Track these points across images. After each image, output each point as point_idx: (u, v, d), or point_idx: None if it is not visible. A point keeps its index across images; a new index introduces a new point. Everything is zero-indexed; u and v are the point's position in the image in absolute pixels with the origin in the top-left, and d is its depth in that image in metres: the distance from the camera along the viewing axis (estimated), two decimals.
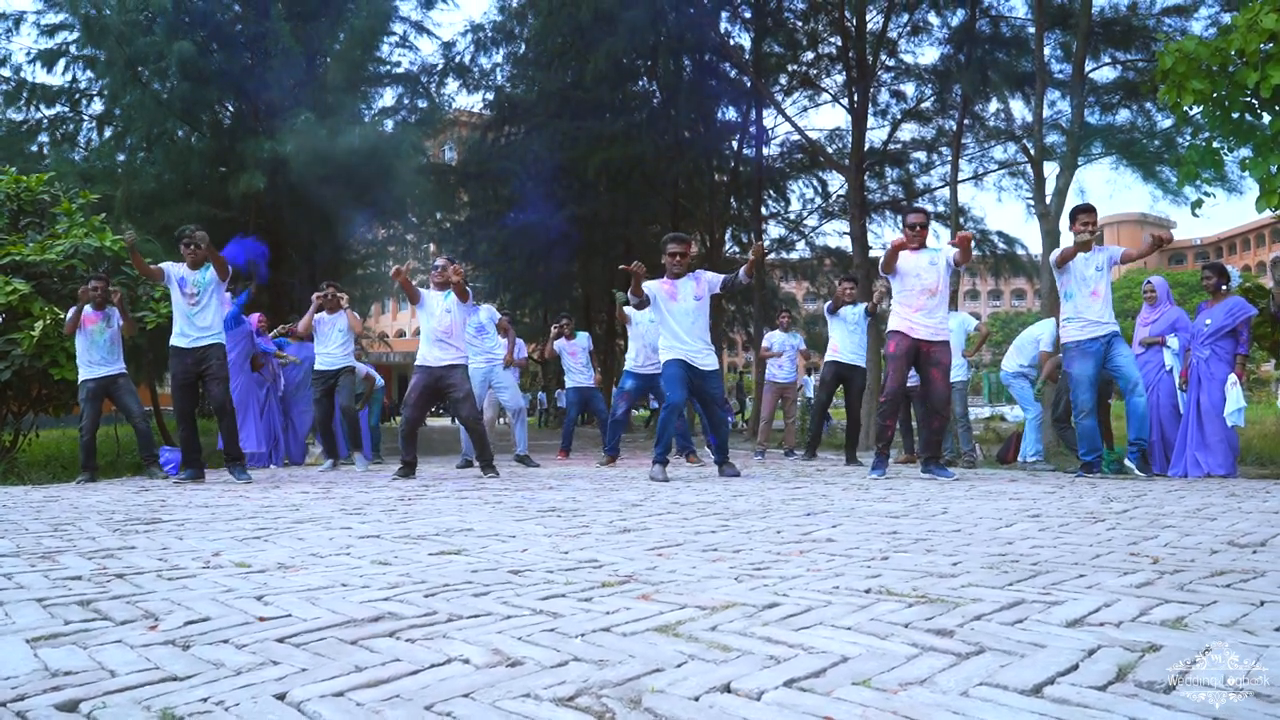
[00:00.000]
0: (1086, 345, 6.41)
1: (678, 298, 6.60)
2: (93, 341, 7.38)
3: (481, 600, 2.22)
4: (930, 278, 6.32)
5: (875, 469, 6.45)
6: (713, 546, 3.05)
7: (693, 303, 6.59)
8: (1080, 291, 6.47)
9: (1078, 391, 6.42)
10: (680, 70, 18.56)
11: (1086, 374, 6.39)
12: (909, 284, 6.36)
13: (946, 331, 6.42)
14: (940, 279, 6.33)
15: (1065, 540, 3.08)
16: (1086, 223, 6.52)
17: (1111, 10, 11.95)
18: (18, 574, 2.62)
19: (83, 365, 7.43)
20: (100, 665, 1.73)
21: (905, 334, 6.32)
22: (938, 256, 6.40)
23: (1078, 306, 6.47)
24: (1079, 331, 6.44)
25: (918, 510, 4.07)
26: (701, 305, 6.64)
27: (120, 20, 12.24)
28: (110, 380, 7.43)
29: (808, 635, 1.86)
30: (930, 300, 6.32)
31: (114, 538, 3.38)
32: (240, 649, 1.83)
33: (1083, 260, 6.46)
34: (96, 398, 7.47)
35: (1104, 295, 6.47)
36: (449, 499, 4.91)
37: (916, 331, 6.29)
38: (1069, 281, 6.52)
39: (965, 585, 2.31)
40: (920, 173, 15.91)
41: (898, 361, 6.32)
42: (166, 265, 6.77)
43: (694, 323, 6.60)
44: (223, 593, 2.34)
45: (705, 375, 6.63)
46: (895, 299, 6.51)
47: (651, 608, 2.11)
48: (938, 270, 6.33)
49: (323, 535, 3.41)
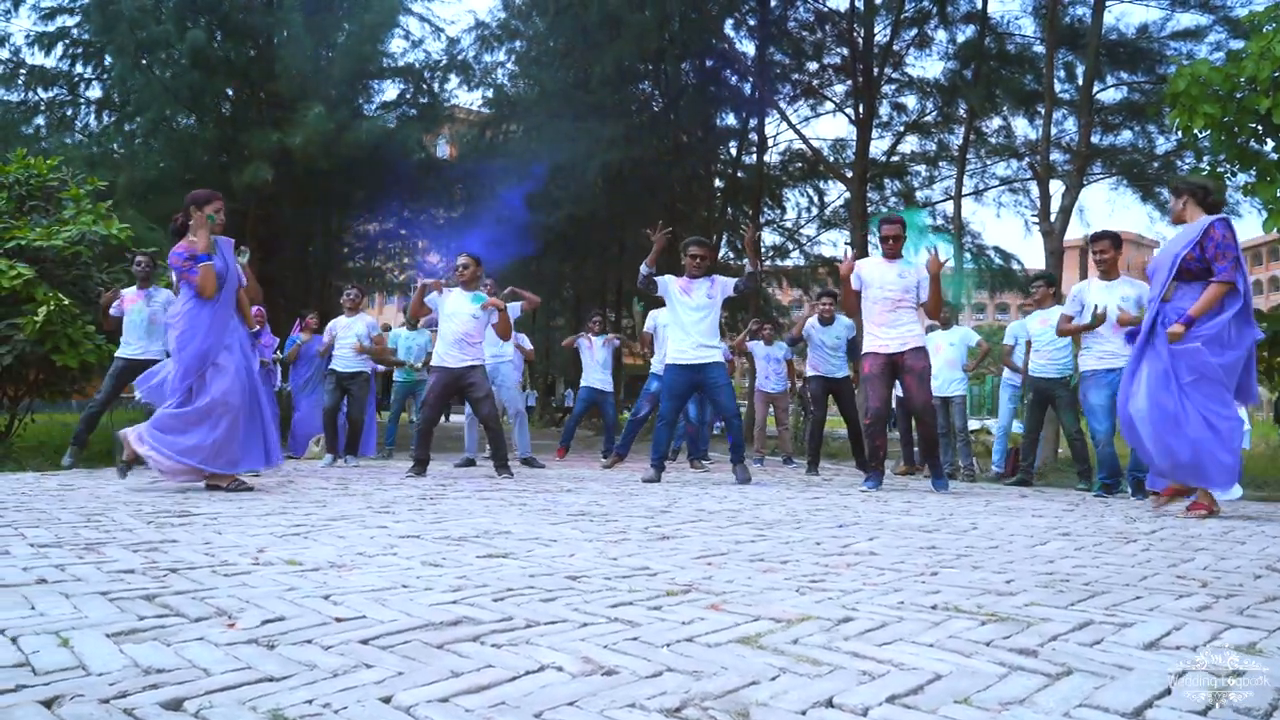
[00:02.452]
0: (1103, 376, 6.33)
1: (691, 294, 6.66)
2: (131, 321, 7.39)
3: (551, 606, 2.23)
4: (895, 290, 6.25)
5: (868, 482, 6.41)
6: (758, 556, 3.06)
7: (705, 301, 6.65)
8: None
9: (1096, 421, 6.37)
10: (683, 75, 18.61)
11: (1102, 403, 6.32)
12: (872, 294, 6.32)
13: (918, 338, 6.32)
14: (904, 293, 6.27)
15: (1106, 560, 3.11)
16: (1099, 250, 6.49)
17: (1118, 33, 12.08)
18: (69, 566, 2.60)
19: (123, 342, 7.45)
20: (191, 663, 1.72)
21: (876, 352, 6.30)
22: (909, 272, 6.32)
23: (1098, 334, 6.35)
24: (1097, 361, 6.35)
25: (947, 525, 4.09)
26: (712, 305, 6.69)
27: (133, 6, 12.14)
28: (142, 365, 7.39)
29: (892, 651, 1.87)
30: (892, 314, 6.26)
31: (151, 530, 3.36)
32: (326, 650, 1.82)
33: (1104, 289, 6.36)
34: (120, 375, 7.42)
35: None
36: (472, 499, 4.90)
37: (887, 346, 6.27)
38: (1088, 312, 6.37)
39: (1029, 604, 2.33)
40: (923, 186, 15.99)
41: (874, 381, 6.30)
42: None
43: (702, 320, 6.65)
44: (286, 590, 2.33)
45: (706, 367, 6.65)
46: (864, 311, 6.46)
47: (726, 619, 2.12)
48: (904, 283, 6.27)
49: (362, 534, 3.40)
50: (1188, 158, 11.89)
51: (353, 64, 14.63)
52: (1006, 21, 13.31)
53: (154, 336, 7.48)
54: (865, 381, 6.40)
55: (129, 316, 7.43)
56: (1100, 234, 6.57)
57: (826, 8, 15.57)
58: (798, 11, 16.14)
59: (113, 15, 12.64)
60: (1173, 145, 12.40)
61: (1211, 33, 11.34)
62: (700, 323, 6.67)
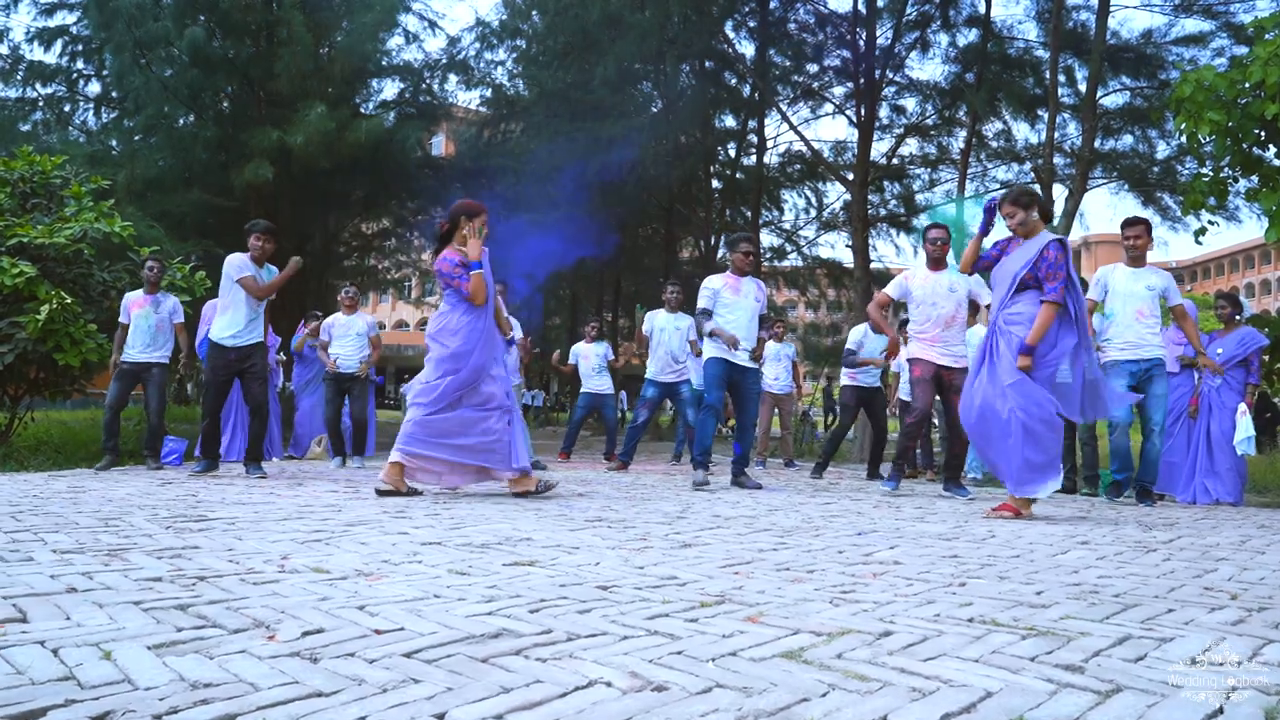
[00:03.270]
0: (1125, 366, 6.19)
1: (740, 292, 6.63)
2: (137, 326, 7.40)
3: (588, 618, 2.21)
4: (947, 306, 6.18)
5: (889, 481, 6.44)
6: (784, 565, 3.05)
7: (752, 303, 6.63)
8: (1124, 310, 6.23)
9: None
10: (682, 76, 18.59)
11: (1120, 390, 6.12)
12: (924, 312, 6.24)
13: (965, 359, 6.24)
14: (958, 308, 6.21)
15: (1130, 571, 3.11)
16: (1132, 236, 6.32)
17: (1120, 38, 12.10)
18: (96, 573, 2.59)
19: (128, 345, 7.43)
20: (237, 677, 1.71)
21: (928, 360, 6.23)
22: (958, 283, 6.23)
23: (1120, 325, 6.23)
24: (1118, 352, 6.22)
25: (965, 533, 4.09)
26: (758, 309, 6.66)
27: (131, 3, 12.10)
28: (145, 367, 7.42)
29: (938, 667, 1.87)
30: (946, 331, 6.20)
31: (170, 535, 3.34)
32: (371, 664, 1.81)
33: (1129, 276, 6.25)
34: (125, 378, 7.46)
35: (1149, 316, 6.19)
36: (485, 504, 4.89)
37: (938, 360, 6.20)
38: (1112, 299, 6.29)
39: (1064, 618, 2.32)
40: (924, 189, 16.01)
41: (924, 384, 6.24)
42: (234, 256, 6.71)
43: (750, 321, 6.61)
44: (320, 600, 2.32)
45: (745, 371, 6.64)
46: (911, 325, 6.44)
47: (766, 631, 2.11)
48: (957, 298, 6.20)
49: (383, 540, 3.38)
50: (1189, 162, 11.93)
51: (353, 62, 14.61)
52: (1009, 26, 13.30)
53: (159, 341, 7.48)
54: (915, 384, 6.34)
55: (135, 321, 7.44)
56: (1134, 219, 6.42)
57: (827, 10, 15.59)
58: (798, 13, 16.14)
59: (111, 12, 12.60)
60: (1173, 150, 12.44)
61: (1215, 39, 11.38)
62: (750, 324, 6.61)
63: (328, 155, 12.86)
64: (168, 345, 7.56)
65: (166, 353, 7.57)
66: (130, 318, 7.47)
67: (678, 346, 8.66)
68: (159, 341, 7.46)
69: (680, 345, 8.68)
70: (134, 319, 7.42)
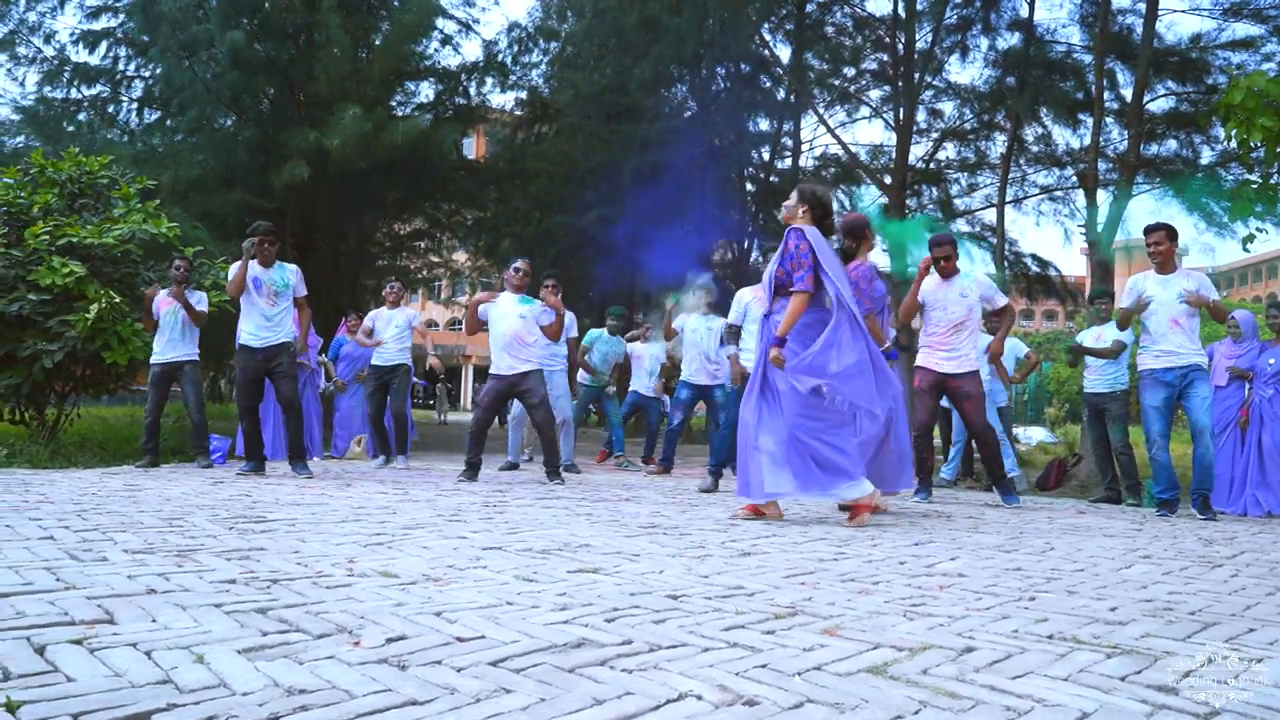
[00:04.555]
0: (1161, 374, 6.08)
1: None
2: (165, 324, 7.44)
3: (665, 628, 2.21)
4: (958, 311, 6.15)
5: (918, 494, 6.41)
6: (848, 576, 3.04)
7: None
8: (1158, 319, 6.11)
9: (1150, 423, 6.17)
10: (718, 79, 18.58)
11: (1155, 405, 6.10)
12: (934, 317, 6.24)
13: (972, 363, 6.24)
14: (969, 312, 6.18)
15: (1200, 588, 3.07)
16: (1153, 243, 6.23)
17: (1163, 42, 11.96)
18: (171, 574, 2.61)
19: (156, 347, 7.50)
20: (330, 684, 1.72)
21: (929, 369, 6.25)
22: (970, 288, 6.20)
23: (1154, 334, 6.14)
24: (1154, 360, 6.11)
25: (1023, 545, 4.05)
26: None
27: (175, 7, 12.24)
28: (177, 366, 7.48)
29: (1027, 685, 1.85)
30: (955, 336, 6.17)
31: (235, 537, 3.37)
32: (459, 672, 1.81)
33: (1160, 283, 6.14)
34: (161, 383, 7.53)
35: (1186, 324, 6.08)
36: (535, 508, 4.90)
37: (941, 367, 6.20)
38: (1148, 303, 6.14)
39: (1144, 636, 2.30)
40: (963, 194, 15.88)
41: (923, 396, 6.31)
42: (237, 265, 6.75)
43: None
44: (395, 606, 2.33)
45: None
46: (922, 331, 6.41)
47: (846, 645, 2.10)
48: (968, 303, 6.17)
49: (444, 545, 3.40)
50: (1234, 168, 11.77)
51: (390, 65, 14.70)
52: (1052, 30, 13.17)
53: (187, 338, 7.53)
54: (915, 394, 6.38)
55: (163, 319, 7.45)
56: (1154, 225, 6.29)
57: (865, 12, 15.51)
58: (836, 16, 16.08)
59: (156, 15, 12.76)
60: (1217, 156, 12.27)
61: (1266, 44, 11.21)
62: None
63: (364, 156, 12.94)
64: (195, 341, 7.61)
65: (195, 349, 7.61)
66: (160, 314, 7.49)
67: (710, 347, 8.63)
68: (188, 337, 7.52)
69: (713, 345, 8.65)
70: (163, 316, 7.46)
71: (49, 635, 1.94)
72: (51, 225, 8.38)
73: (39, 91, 15.02)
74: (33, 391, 8.46)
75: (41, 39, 15.05)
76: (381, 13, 15.68)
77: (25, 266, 8.14)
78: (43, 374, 8.11)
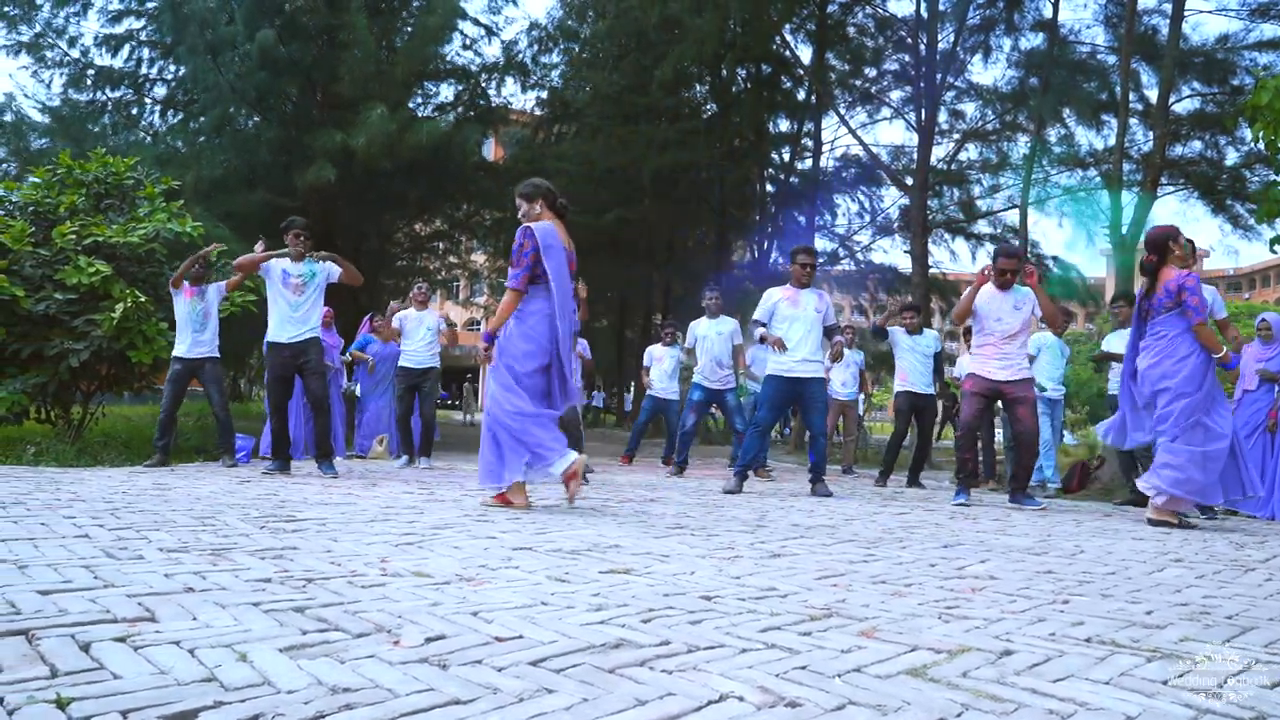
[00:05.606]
0: None
1: (798, 304, 6.66)
2: (185, 314, 7.41)
3: (701, 629, 2.21)
4: (1013, 322, 6.27)
5: (957, 495, 6.45)
6: (880, 578, 3.03)
7: (812, 314, 6.64)
8: None
9: None
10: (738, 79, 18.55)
11: None
12: (989, 326, 6.33)
13: (1026, 370, 6.39)
14: (1023, 324, 6.29)
15: (1235, 592, 3.04)
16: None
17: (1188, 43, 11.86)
18: (208, 573, 2.63)
19: (177, 340, 7.49)
20: (374, 683, 1.72)
21: (983, 377, 6.35)
22: (1024, 301, 6.32)
23: None
24: None
25: (1052, 547, 4.03)
26: (819, 321, 6.66)
27: (204, 6, 12.34)
28: (198, 364, 7.45)
29: (1069, 689, 1.84)
30: (1009, 344, 6.28)
31: (267, 536, 3.39)
32: (500, 672, 1.82)
33: None
34: (180, 379, 7.49)
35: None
36: (561, 507, 4.91)
37: (994, 375, 6.30)
38: None
39: (1182, 640, 2.28)
40: (986, 195, 15.81)
41: (973, 399, 6.42)
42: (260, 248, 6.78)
43: (808, 333, 6.63)
44: (432, 605, 2.34)
45: (808, 382, 6.65)
46: (974, 339, 6.51)
47: (885, 648, 2.10)
48: (1022, 316, 6.28)
49: (474, 545, 3.41)
50: (1259, 169, 11.67)
51: (413, 66, 14.76)
52: (1076, 31, 13.09)
53: (207, 330, 7.51)
54: (965, 397, 6.52)
55: (187, 308, 7.42)
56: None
57: (887, 13, 15.46)
58: (857, 17, 16.03)
59: (184, 16, 12.85)
60: (1243, 157, 12.17)
61: None
62: (808, 335, 6.64)
63: (389, 156, 13.00)
64: (216, 339, 7.59)
65: (215, 346, 7.59)
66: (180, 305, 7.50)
67: (720, 351, 8.66)
68: (208, 330, 7.49)
69: (723, 350, 8.67)
70: (185, 304, 7.44)
71: (93, 633, 1.95)
72: (78, 225, 8.46)
73: (64, 94, 15.17)
74: (59, 390, 8.53)
75: (66, 42, 15.20)
76: (404, 15, 15.73)
77: (53, 266, 8.22)
78: (69, 373, 8.16)
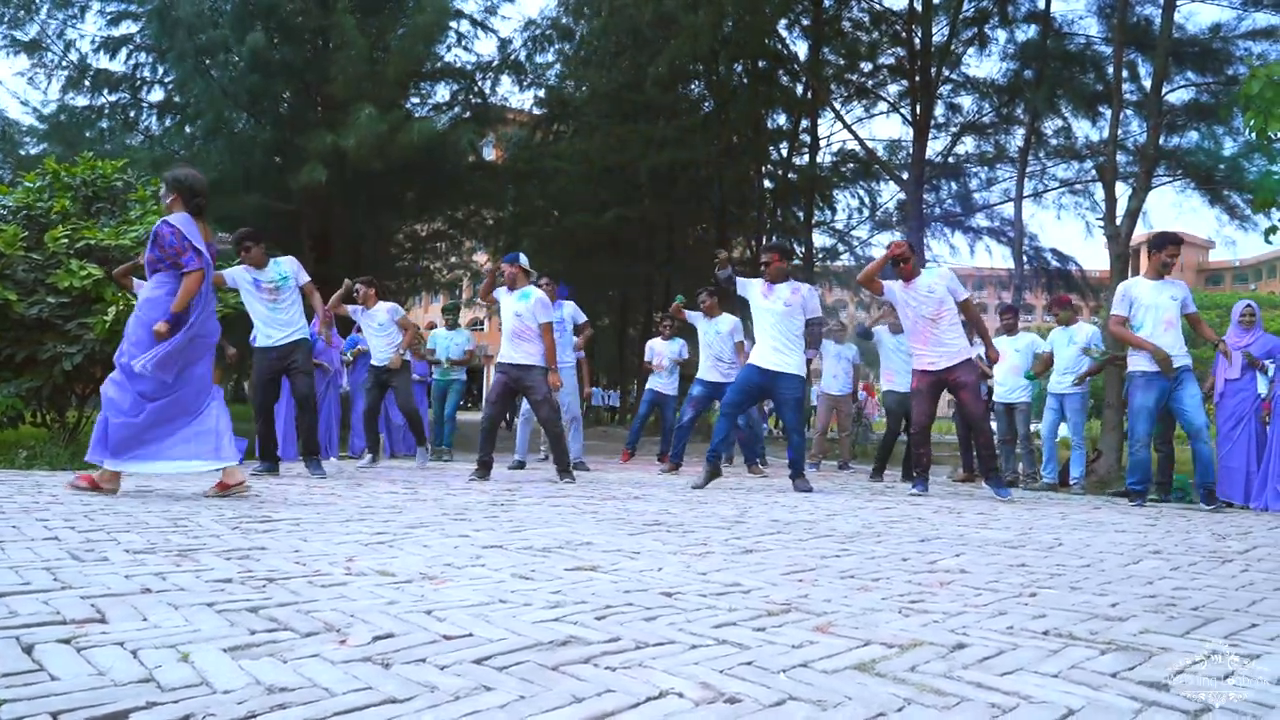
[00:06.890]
0: (1154, 377, 6.24)
1: (769, 297, 6.67)
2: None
3: (654, 625, 2.20)
4: (929, 306, 6.36)
5: (915, 486, 6.65)
6: (848, 573, 3.02)
7: (782, 307, 6.62)
8: (1152, 321, 6.26)
9: (1136, 422, 6.34)
10: (735, 76, 18.52)
11: (1148, 406, 6.27)
12: (908, 314, 6.48)
13: (965, 352, 6.46)
14: (941, 304, 6.35)
15: (1207, 583, 3.02)
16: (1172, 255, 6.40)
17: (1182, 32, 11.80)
18: (169, 574, 2.63)
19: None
20: (312, 682, 1.72)
21: (923, 370, 6.50)
22: (937, 283, 6.41)
23: (1148, 337, 6.25)
24: (1147, 363, 6.24)
25: (1031, 540, 4.02)
26: (790, 312, 6.64)
27: (191, 12, 12.35)
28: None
29: (1015, 682, 1.82)
30: (935, 327, 6.36)
31: (238, 536, 3.39)
32: (442, 670, 1.81)
33: (1153, 288, 6.30)
34: None
35: (1177, 326, 6.29)
36: (543, 506, 4.90)
37: (934, 364, 6.42)
38: (1139, 311, 6.32)
39: (1142, 632, 2.26)
40: (981, 188, 15.77)
41: (920, 397, 6.58)
42: (228, 271, 6.78)
43: (777, 323, 6.61)
44: (387, 604, 2.33)
45: (778, 377, 6.62)
46: (907, 332, 6.68)
47: (837, 643, 2.08)
48: (936, 297, 6.35)
49: (445, 543, 3.40)
50: (1256, 159, 11.61)
51: (406, 65, 14.76)
52: (1070, 21, 13.05)
53: None
54: (913, 396, 6.70)
55: None
56: (1173, 237, 6.50)
57: (882, 7, 15.42)
58: (852, 11, 16.00)
59: (172, 22, 12.86)
60: (1239, 147, 12.11)
61: None
62: (776, 326, 6.61)
63: (380, 157, 13.01)
64: None
65: None
66: None
67: (719, 348, 8.66)
68: None
69: (722, 347, 8.67)
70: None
71: (39, 635, 1.95)
72: (70, 229, 8.47)
73: (61, 99, 15.20)
74: (53, 394, 8.54)
75: (63, 46, 15.23)
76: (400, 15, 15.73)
77: (45, 270, 8.23)
78: (63, 376, 8.18)
